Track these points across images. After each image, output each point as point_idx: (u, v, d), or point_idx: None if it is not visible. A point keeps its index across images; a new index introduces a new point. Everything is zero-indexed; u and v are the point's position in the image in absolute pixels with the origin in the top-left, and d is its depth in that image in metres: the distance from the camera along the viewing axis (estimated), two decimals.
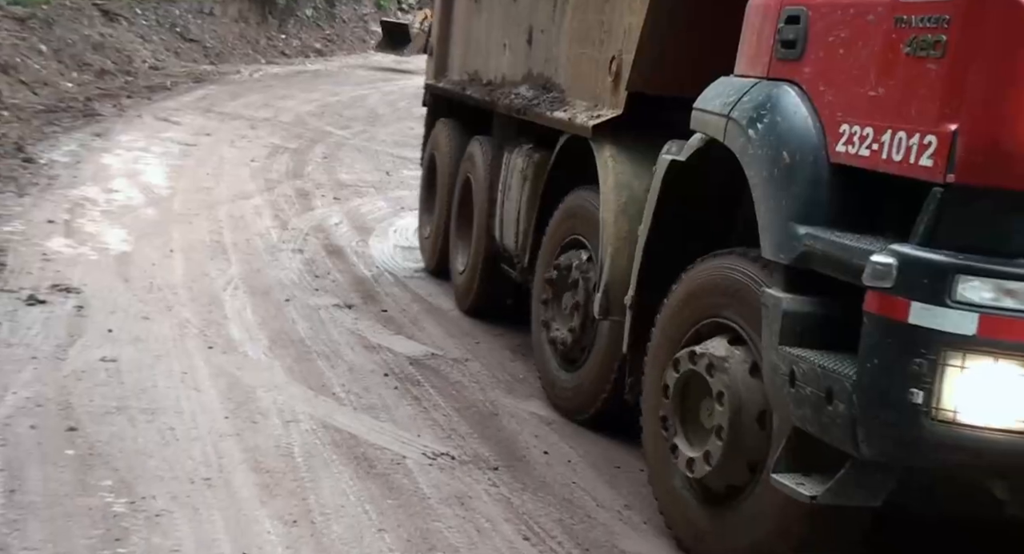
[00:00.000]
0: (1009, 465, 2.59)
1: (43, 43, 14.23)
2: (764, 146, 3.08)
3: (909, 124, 2.66)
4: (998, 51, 2.52)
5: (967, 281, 2.47)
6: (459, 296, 6.29)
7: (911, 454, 2.59)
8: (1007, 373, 2.47)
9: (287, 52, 24.61)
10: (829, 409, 2.65)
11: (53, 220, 7.32)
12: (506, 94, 5.51)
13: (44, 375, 4.55)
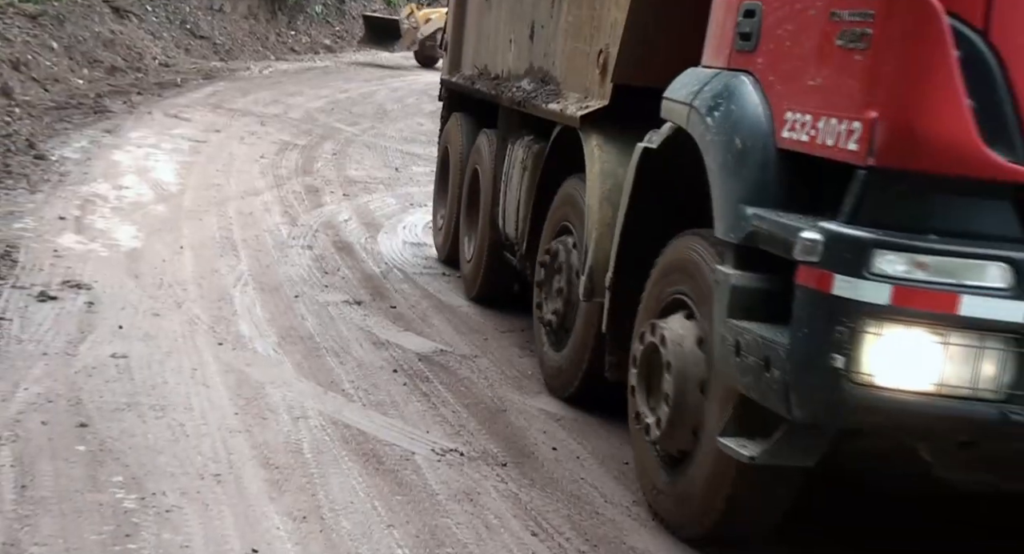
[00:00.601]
0: (924, 426, 2.78)
1: (54, 40, 14.28)
2: (719, 133, 3.27)
3: (839, 111, 2.85)
4: (910, 44, 2.71)
5: (882, 255, 2.67)
6: (467, 284, 6.50)
7: (835, 416, 2.80)
8: (918, 339, 2.68)
9: (296, 49, 24.64)
10: (767, 376, 2.86)
11: (64, 217, 7.36)
12: (509, 87, 5.71)
13: (55, 371, 4.57)
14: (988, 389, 2.68)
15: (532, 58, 5.54)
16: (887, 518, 3.87)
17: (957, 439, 2.89)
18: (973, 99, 2.67)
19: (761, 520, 3.38)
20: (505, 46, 6.03)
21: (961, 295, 2.66)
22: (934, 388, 2.70)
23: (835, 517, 3.84)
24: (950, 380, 2.69)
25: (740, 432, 3.08)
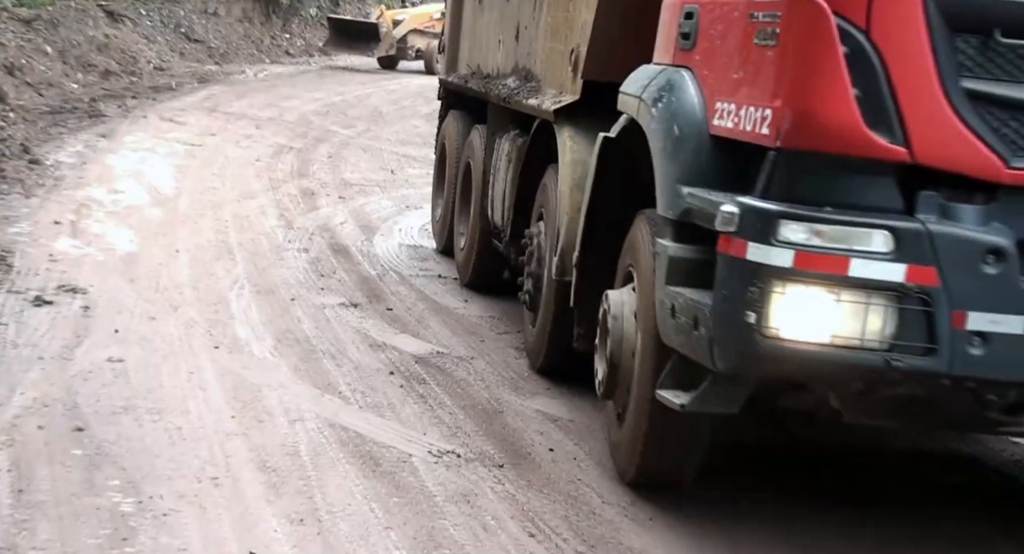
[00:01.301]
0: (823, 374, 3.20)
1: (48, 44, 14.27)
2: (661, 121, 3.66)
3: (756, 101, 3.24)
4: (806, 41, 3.10)
5: (787, 225, 3.06)
6: (460, 271, 6.90)
7: (749, 366, 3.21)
8: (817, 297, 3.06)
9: (291, 52, 24.63)
10: (695, 333, 3.27)
11: (59, 221, 7.35)
12: (497, 85, 6.03)
13: (51, 375, 4.57)
14: (874, 340, 3.05)
15: (517, 57, 5.88)
16: None
17: (853, 387, 3.27)
18: (858, 89, 3.04)
19: (683, 463, 3.83)
20: (495, 46, 6.38)
21: (851, 258, 3.03)
22: (829, 340, 3.07)
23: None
24: (842, 333, 3.06)
25: (675, 385, 3.48)
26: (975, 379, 3.11)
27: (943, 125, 3.06)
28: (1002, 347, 3.03)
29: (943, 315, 3.02)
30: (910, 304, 3.04)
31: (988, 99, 3.05)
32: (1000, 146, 3.05)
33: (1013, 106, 3.05)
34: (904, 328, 3.04)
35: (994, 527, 3.99)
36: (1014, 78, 3.04)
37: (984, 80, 3.05)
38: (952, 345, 3.03)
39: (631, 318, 3.84)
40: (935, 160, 3.08)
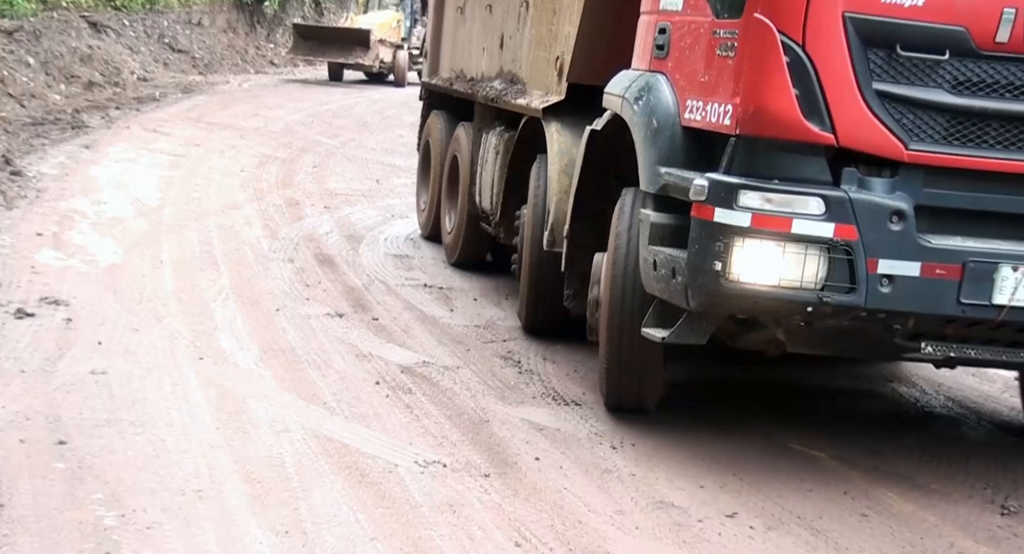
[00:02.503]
0: (775, 310, 4.05)
1: (31, 56, 14.20)
2: (642, 115, 4.45)
3: (719, 98, 4.06)
4: (758, 53, 3.93)
5: (745, 194, 3.88)
6: (448, 251, 7.64)
7: (717, 305, 4.06)
8: (768, 249, 3.89)
9: (276, 61, 24.62)
10: (673, 281, 4.11)
11: (42, 233, 7.30)
12: (484, 87, 6.82)
13: (33, 388, 4.53)
14: (810, 282, 3.88)
15: (502, 63, 6.66)
16: None
17: (795, 320, 4.13)
18: (797, 89, 3.87)
19: (641, 390, 4.72)
20: (479, 53, 7.17)
21: (793, 219, 3.87)
22: (777, 282, 3.90)
23: None
24: (787, 276, 3.89)
25: (656, 324, 4.30)
26: (884, 311, 3.94)
27: (859, 117, 3.88)
28: (903, 286, 3.88)
29: (860, 262, 3.87)
30: (836, 254, 3.88)
31: (892, 97, 3.89)
32: (901, 133, 3.89)
33: (910, 103, 3.89)
34: (832, 272, 3.88)
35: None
36: (910, 82, 3.89)
37: (889, 83, 3.89)
38: (867, 285, 3.87)
39: (605, 269, 4.70)
40: (854, 143, 3.91)
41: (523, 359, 5.57)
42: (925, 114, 3.89)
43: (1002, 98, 3.87)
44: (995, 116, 3.88)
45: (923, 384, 5.84)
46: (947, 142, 3.90)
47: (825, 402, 5.43)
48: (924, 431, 5.12)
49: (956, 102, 3.87)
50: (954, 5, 3.82)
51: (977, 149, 3.90)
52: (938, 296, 3.90)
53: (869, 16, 3.83)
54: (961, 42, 3.83)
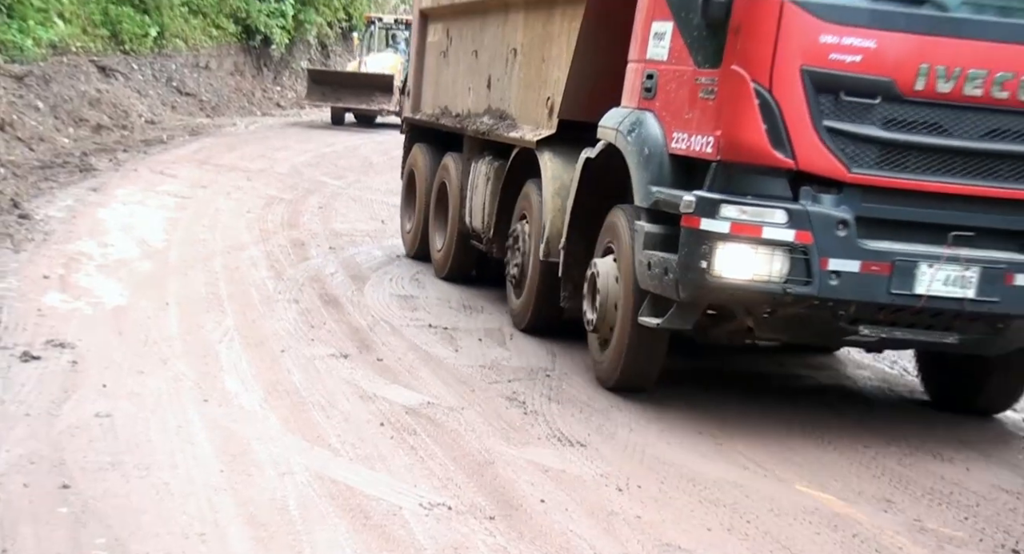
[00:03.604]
0: (748, 300, 5.04)
1: (40, 100, 14.36)
2: (635, 145, 5.46)
3: (702, 132, 5.07)
4: (735, 96, 4.93)
5: (725, 207, 4.88)
6: (438, 268, 8.53)
7: (702, 296, 5.03)
8: (743, 251, 4.87)
9: (282, 103, 24.86)
10: (666, 278, 5.09)
11: (48, 275, 7.33)
12: (473, 122, 7.78)
13: (37, 432, 4.53)
14: (776, 277, 4.87)
15: (490, 101, 7.61)
16: None
17: (762, 309, 5.11)
18: (765, 124, 4.87)
19: (648, 373, 5.66)
20: (464, 92, 8.16)
21: (763, 226, 4.87)
22: (751, 277, 4.89)
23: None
24: (757, 273, 4.88)
25: (651, 314, 5.29)
26: (832, 300, 4.93)
27: (813, 146, 4.90)
28: (847, 279, 4.88)
29: (815, 261, 4.86)
30: (796, 254, 4.87)
31: (838, 132, 4.90)
32: (845, 160, 4.92)
33: (851, 136, 4.91)
34: (793, 269, 4.87)
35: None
36: (851, 120, 4.90)
37: (835, 120, 4.89)
38: (820, 279, 4.87)
39: (612, 276, 5.64)
40: (809, 167, 4.93)
41: (528, 400, 5.56)
42: (863, 145, 4.92)
43: (920, 133, 4.93)
44: (915, 147, 4.94)
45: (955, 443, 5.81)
46: (880, 167, 4.94)
47: (831, 446, 5.40)
48: (934, 477, 5.08)
49: (886, 136, 4.91)
50: (883, 61, 4.83)
51: (902, 173, 4.95)
52: (873, 287, 4.91)
53: (820, 69, 4.84)
54: (889, 90, 4.86)
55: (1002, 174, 4.96)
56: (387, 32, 23.63)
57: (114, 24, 18.49)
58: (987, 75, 4.84)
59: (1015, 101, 4.88)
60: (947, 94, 4.85)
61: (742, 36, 4.90)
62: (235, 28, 23.25)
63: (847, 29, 4.81)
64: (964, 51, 4.85)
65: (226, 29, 22.92)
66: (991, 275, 4.93)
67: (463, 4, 8.41)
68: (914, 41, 4.85)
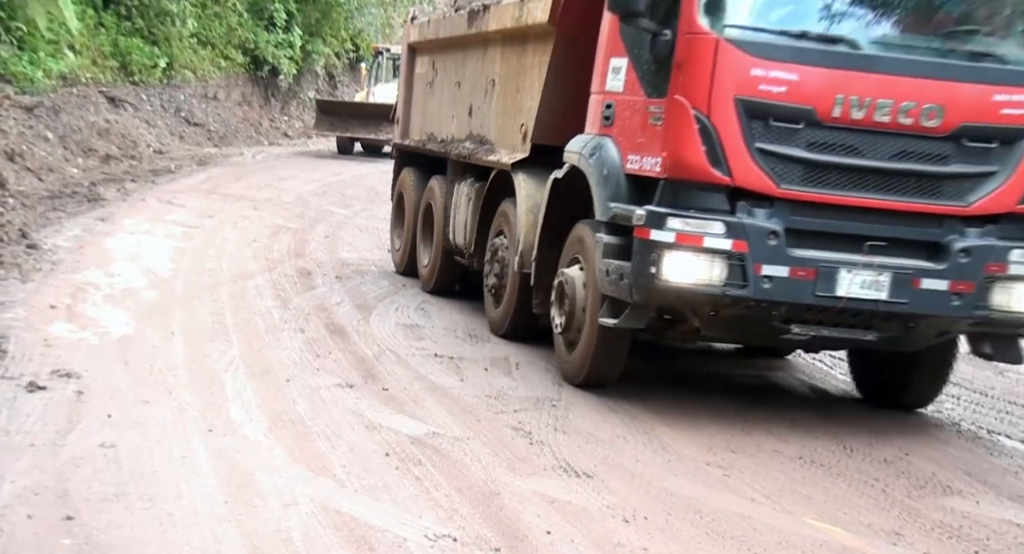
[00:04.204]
0: (692, 301, 5.67)
1: (49, 130, 14.47)
2: (596, 166, 6.12)
3: (651, 153, 5.74)
4: (678, 122, 5.57)
5: (671, 219, 5.51)
6: (424, 282, 9.21)
7: (652, 298, 5.65)
8: (687, 258, 5.50)
9: (289, 133, 25.03)
10: (621, 283, 5.72)
11: (55, 305, 7.35)
12: (456, 147, 8.46)
13: (42, 463, 4.52)
14: (716, 281, 5.50)
15: (471, 128, 8.33)
16: None
17: (706, 310, 5.74)
18: (705, 147, 5.50)
19: (611, 370, 6.28)
20: (448, 120, 8.88)
21: (704, 236, 5.49)
22: (694, 281, 5.52)
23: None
24: (700, 278, 5.51)
25: (609, 315, 5.90)
26: (766, 301, 5.55)
27: (747, 166, 5.51)
28: (778, 283, 5.51)
29: (750, 267, 5.48)
30: (733, 261, 5.48)
31: (768, 153, 5.52)
32: (774, 177, 5.53)
33: (779, 157, 5.53)
34: (731, 274, 5.49)
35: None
36: (779, 142, 5.53)
37: (765, 143, 5.51)
38: (754, 283, 5.49)
39: (580, 283, 6.27)
40: (743, 184, 5.54)
41: (534, 430, 5.53)
42: (789, 164, 5.54)
43: (838, 154, 5.55)
44: (834, 166, 5.55)
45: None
46: (805, 184, 5.55)
47: (839, 477, 5.36)
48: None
49: (809, 156, 5.54)
50: (805, 92, 5.46)
51: (824, 189, 5.56)
52: (801, 290, 5.53)
53: (751, 98, 5.47)
54: (810, 116, 5.48)
55: (909, 190, 5.58)
56: (394, 63, 23.76)
57: (124, 55, 18.67)
58: (893, 104, 5.47)
59: (918, 127, 5.51)
60: (860, 120, 5.49)
61: (684, 70, 5.54)
62: (243, 59, 23.46)
63: (774, 64, 5.45)
64: (873, 84, 5.48)
65: (234, 60, 23.13)
66: (901, 280, 5.55)
67: (447, 39, 9.05)
68: (831, 75, 5.48)
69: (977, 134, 5.53)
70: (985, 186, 5.58)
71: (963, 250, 5.57)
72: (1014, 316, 5.67)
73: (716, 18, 5.48)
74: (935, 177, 5.57)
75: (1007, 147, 5.57)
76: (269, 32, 23.91)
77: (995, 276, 5.57)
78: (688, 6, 5.49)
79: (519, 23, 7.44)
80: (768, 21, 5.58)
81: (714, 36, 5.45)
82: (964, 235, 5.61)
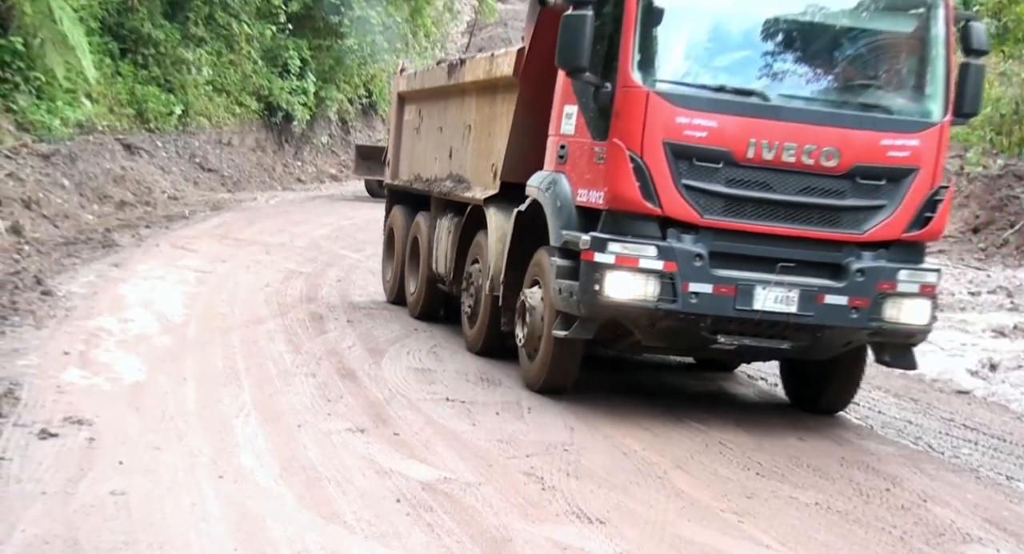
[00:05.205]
0: (630, 315, 6.51)
1: (66, 178, 14.64)
2: (551, 199, 6.99)
3: (596, 188, 6.62)
4: (615, 162, 6.46)
5: (611, 244, 6.39)
6: (411, 308, 10.05)
7: (597, 312, 6.51)
8: (625, 277, 6.37)
9: (303, 178, 25.22)
10: (571, 299, 6.59)
11: (68, 352, 7.38)
12: (438, 185, 9.42)
13: (53, 511, 4.51)
14: (651, 296, 6.37)
15: (451, 168, 9.26)
16: None
17: (643, 322, 6.55)
18: (638, 182, 6.39)
19: (567, 377, 7.12)
20: (432, 161, 9.85)
21: (639, 258, 6.37)
22: (632, 297, 6.38)
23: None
24: (636, 294, 6.37)
25: (561, 327, 6.72)
26: (693, 314, 6.41)
27: (675, 199, 6.41)
28: (703, 298, 6.38)
29: (679, 284, 6.35)
30: (665, 280, 6.35)
31: (692, 188, 6.42)
32: (699, 209, 6.43)
33: (703, 192, 6.43)
34: (662, 291, 6.36)
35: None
36: (702, 179, 6.43)
37: (690, 179, 6.42)
38: (683, 298, 6.36)
39: (540, 302, 7.10)
40: (672, 214, 6.43)
41: (546, 475, 5.49)
42: (711, 198, 6.44)
43: (753, 190, 6.46)
44: (750, 200, 6.46)
45: None
46: (725, 214, 6.45)
47: (857, 524, 5.28)
48: None
49: (728, 191, 6.43)
50: (723, 136, 6.38)
51: (742, 219, 6.46)
52: (723, 304, 6.39)
53: (677, 142, 6.38)
54: (728, 157, 6.39)
55: (813, 220, 6.52)
56: None
57: (140, 103, 18.93)
58: (798, 147, 6.41)
59: (818, 166, 6.46)
60: (770, 161, 6.42)
61: (620, 118, 6.45)
62: (257, 105, 23.73)
63: (696, 113, 6.37)
64: (781, 130, 6.41)
65: (249, 106, 23.40)
66: (808, 295, 6.44)
67: (431, 89, 10.11)
68: (745, 122, 6.41)
69: (868, 173, 6.49)
70: (876, 217, 6.54)
71: (859, 271, 6.51)
72: (903, 327, 6.61)
73: (648, 74, 6.44)
74: (834, 209, 6.52)
75: (894, 184, 6.53)
76: (283, 79, 24.21)
77: (886, 293, 6.51)
78: (624, 64, 6.41)
79: (490, 75, 8.39)
80: (691, 77, 6.56)
81: (645, 89, 6.39)
82: (860, 258, 6.54)
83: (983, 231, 14.59)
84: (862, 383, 7.50)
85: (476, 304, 8.28)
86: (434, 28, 29.80)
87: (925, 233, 6.65)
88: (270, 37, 23.61)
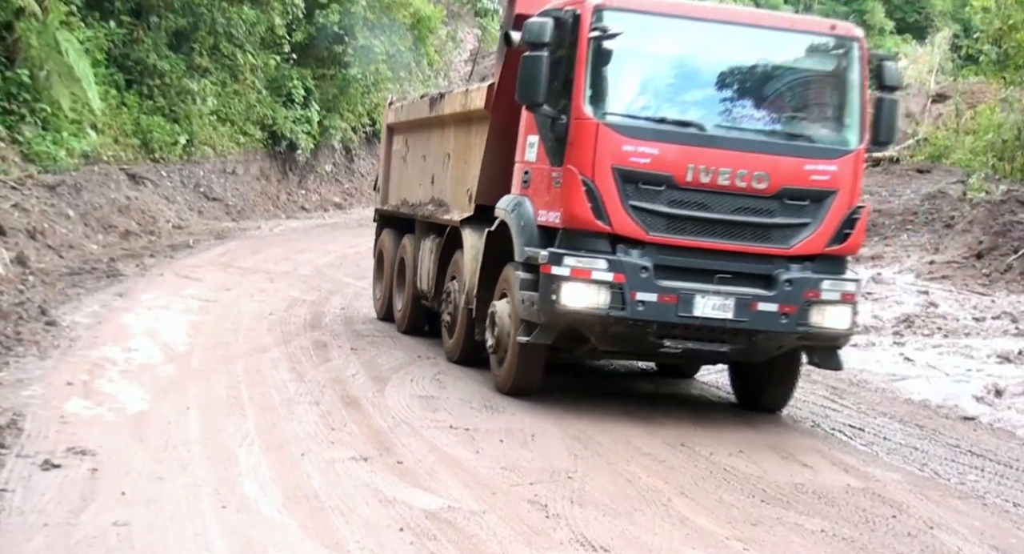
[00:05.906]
0: (585, 323, 7.25)
1: (71, 208, 14.70)
2: (516, 220, 7.75)
3: (553, 209, 7.40)
4: (570, 186, 7.26)
5: (566, 258, 7.16)
6: (398, 323, 10.74)
7: (555, 319, 7.25)
8: (579, 287, 7.13)
9: (307, 206, 25.31)
10: (532, 308, 7.32)
11: (72, 382, 7.38)
12: (422, 209, 10.20)
13: (55, 543, 4.49)
14: (602, 305, 7.11)
15: (433, 193, 10.06)
16: None
17: (597, 328, 7.24)
18: (590, 203, 7.16)
19: (532, 380, 7.81)
20: (416, 187, 10.67)
21: (592, 271, 7.10)
22: (585, 305, 7.12)
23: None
24: (589, 303, 7.11)
25: (524, 334, 7.41)
26: (641, 320, 7.14)
27: (623, 218, 7.18)
28: (649, 306, 7.11)
29: (627, 294, 7.08)
30: (615, 290, 7.08)
31: (639, 208, 7.19)
32: (644, 227, 7.20)
33: (647, 211, 7.20)
34: (613, 300, 7.10)
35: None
36: (647, 200, 7.20)
37: (637, 200, 7.18)
38: (631, 306, 7.10)
39: (507, 312, 7.79)
40: (621, 232, 7.19)
41: (550, 503, 5.47)
42: (655, 217, 7.20)
43: (692, 209, 7.22)
44: (690, 219, 7.22)
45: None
46: (668, 231, 7.21)
47: (863, 552, 5.24)
48: None
49: (670, 211, 7.20)
50: (664, 162, 7.16)
51: (683, 235, 7.22)
52: (667, 311, 7.13)
53: (624, 167, 7.16)
54: (670, 181, 7.17)
55: (746, 236, 7.30)
56: None
57: (145, 133, 19.03)
58: (732, 171, 7.19)
59: (750, 189, 7.23)
60: (707, 184, 7.19)
61: (574, 146, 7.22)
62: (262, 134, 23.85)
63: (641, 141, 7.16)
64: (716, 156, 7.19)
65: (253, 135, 23.52)
66: (742, 303, 7.18)
67: (417, 120, 10.95)
68: (684, 150, 7.18)
69: (794, 195, 7.31)
70: (802, 233, 7.36)
71: (788, 281, 7.28)
72: (827, 331, 7.39)
73: (598, 108, 7.22)
74: (764, 226, 7.32)
75: (816, 204, 7.36)
76: (287, 108, 24.34)
77: (812, 300, 7.29)
78: (577, 98, 7.21)
79: (465, 108, 9.20)
80: (636, 110, 7.34)
81: (596, 121, 7.18)
82: (788, 269, 7.32)
83: (987, 257, 14.58)
84: (860, 405, 8.08)
85: (454, 317, 8.94)
86: (437, 56, 30.01)
87: (844, 248, 7.48)
88: (274, 67, 23.77)
